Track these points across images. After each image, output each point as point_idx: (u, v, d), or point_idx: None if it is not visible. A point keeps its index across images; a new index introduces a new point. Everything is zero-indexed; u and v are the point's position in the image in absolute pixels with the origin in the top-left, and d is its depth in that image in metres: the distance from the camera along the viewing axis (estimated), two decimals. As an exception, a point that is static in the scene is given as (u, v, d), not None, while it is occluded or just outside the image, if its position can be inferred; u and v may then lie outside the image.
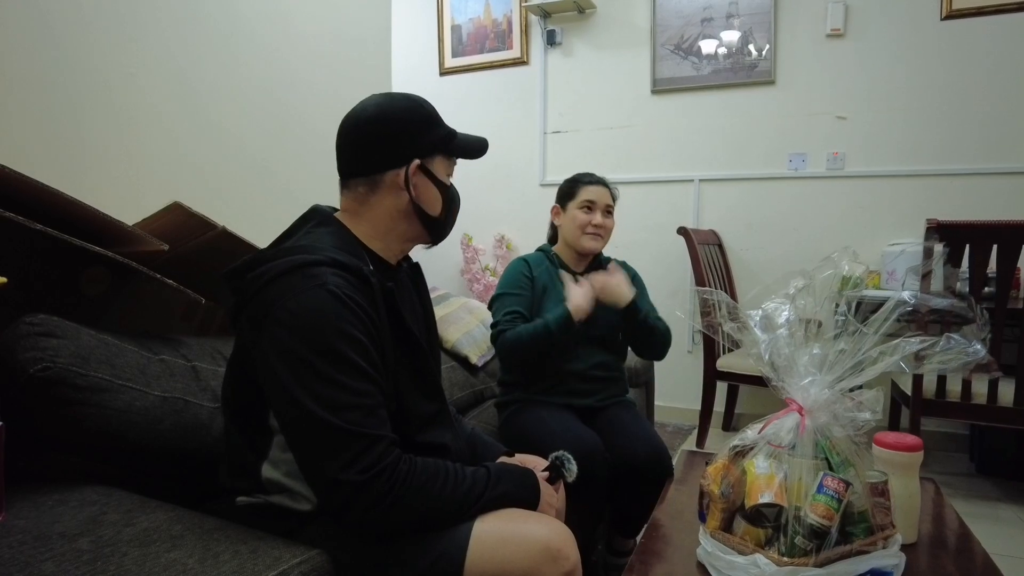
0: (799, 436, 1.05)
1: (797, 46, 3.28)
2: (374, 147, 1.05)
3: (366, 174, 1.06)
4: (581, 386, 1.73)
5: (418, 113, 1.09)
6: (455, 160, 1.15)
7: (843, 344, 1.03)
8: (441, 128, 1.11)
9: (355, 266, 0.96)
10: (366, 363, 0.92)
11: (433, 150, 1.09)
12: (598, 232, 1.80)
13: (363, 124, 1.06)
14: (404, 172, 1.05)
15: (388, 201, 1.07)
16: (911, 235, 3.03)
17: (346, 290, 0.92)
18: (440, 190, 1.10)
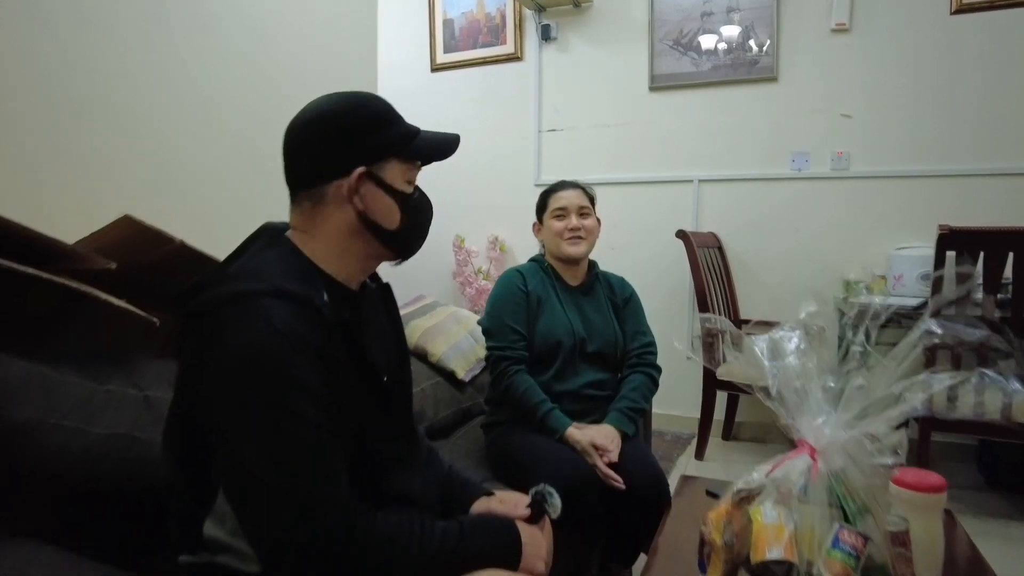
0: (811, 481, 0.94)
1: (800, 41, 3.16)
2: (313, 155, 0.94)
3: (308, 186, 0.94)
4: (573, 406, 1.63)
5: (362, 112, 0.95)
6: (418, 164, 1.00)
7: (861, 379, 0.92)
8: (395, 128, 0.97)
9: (304, 296, 0.84)
10: (316, 410, 0.81)
11: (383, 154, 0.95)
12: (576, 235, 1.72)
13: (302, 129, 0.94)
14: (347, 182, 0.93)
15: (336, 216, 0.94)
16: (919, 238, 2.92)
17: (294, 325, 0.81)
18: (396, 199, 0.96)
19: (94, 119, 1.84)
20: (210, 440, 0.80)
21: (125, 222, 1.21)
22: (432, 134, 1.02)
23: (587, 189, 1.79)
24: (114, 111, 1.90)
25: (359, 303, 1.01)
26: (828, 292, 3.12)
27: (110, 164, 1.88)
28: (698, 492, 1.49)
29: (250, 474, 0.76)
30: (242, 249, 0.96)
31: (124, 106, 1.93)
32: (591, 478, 1.43)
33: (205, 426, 0.81)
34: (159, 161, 2.02)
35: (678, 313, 3.43)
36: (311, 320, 0.84)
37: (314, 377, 0.81)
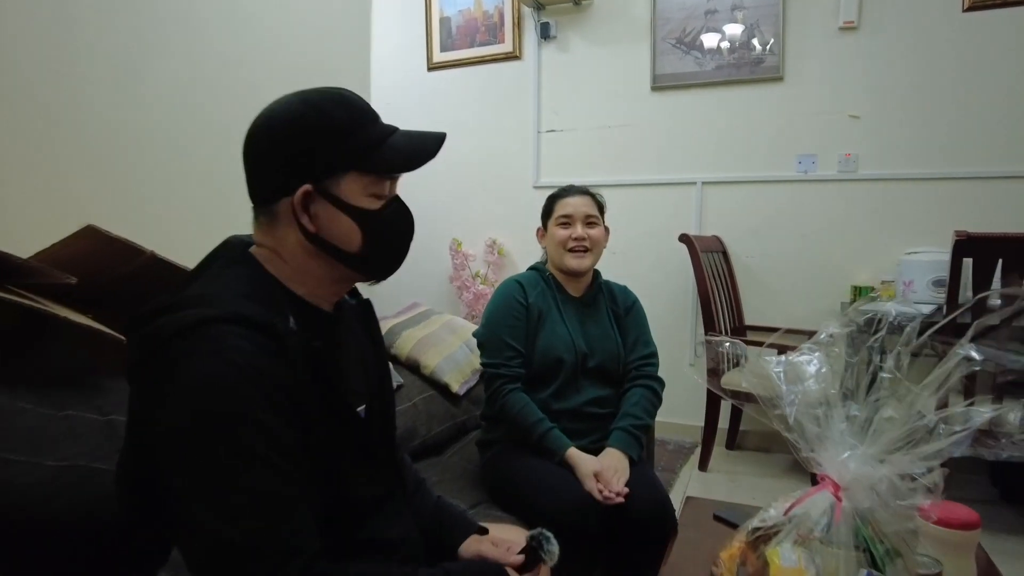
0: (834, 521, 0.85)
1: (807, 40, 3.07)
2: (260, 169, 0.84)
3: (261, 203, 0.85)
4: (573, 425, 1.54)
5: (311, 121, 0.83)
6: (386, 175, 0.88)
7: (891, 410, 0.83)
8: (355, 136, 0.84)
9: (266, 322, 0.75)
10: (277, 453, 0.72)
11: (336, 168, 0.83)
12: (580, 245, 1.62)
13: (252, 138, 0.84)
14: (292, 200, 0.82)
15: (291, 236, 0.84)
16: (930, 243, 2.83)
17: (253, 357, 0.72)
18: (355, 218, 0.84)
19: (65, 119, 1.74)
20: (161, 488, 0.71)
21: (88, 233, 1.12)
22: (409, 137, 0.89)
23: (596, 196, 1.70)
24: (87, 110, 1.81)
25: (334, 325, 0.92)
26: (835, 298, 3.04)
27: (81, 168, 1.79)
28: (705, 517, 1.41)
29: (204, 529, 0.67)
30: (202, 267, 0.87)
31: (98, 105, 1.84)
32: (592, 507, 1.35)
33: (155, 472, 0.72)
34: (136, 165, 1.93)
35: (681, 319, 3.34)
36: (273, 350, 0.75)
37: (276, 417, 0.72)
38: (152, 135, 1.96)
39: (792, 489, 2.77)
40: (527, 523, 1.38)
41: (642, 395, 1.60)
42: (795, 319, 3.10)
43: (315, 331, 0.85)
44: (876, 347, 0.87)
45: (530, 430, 1.48)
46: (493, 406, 1.55)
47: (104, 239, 1.14)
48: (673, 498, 2.31)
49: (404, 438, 1.70)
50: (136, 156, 1.93)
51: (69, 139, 1.74)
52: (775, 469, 2.97)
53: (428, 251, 3.76)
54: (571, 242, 1.62)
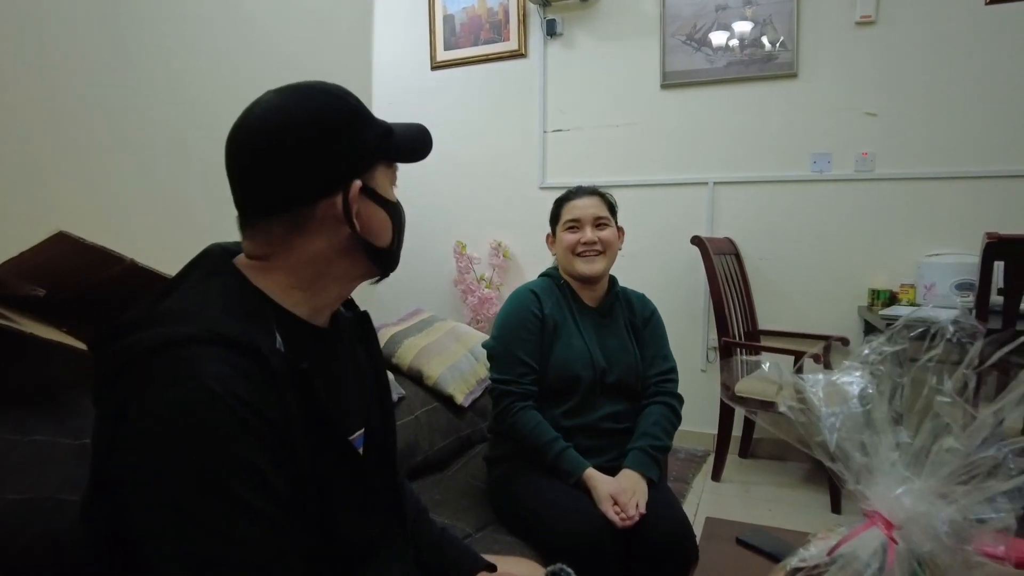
0: (887, 564, 0.75)
1: (822, 35, 2.97)
2: (290, 170, 0.74)
3: (284, 210, 0.75)
4: (589, 442, 1.44)
5: (343, 108, 0.77)
6: (396, 166, 0.85)
7: (952, 439, 0.74)
8: (375, 125, 0.80)
9: (247, 342, 0.66)
10: (262, 496, 0.62)
11: (371, 159, 0.79)
12: (590, 249, 1.53)
13: (267, 139, 0.74)
14: (341, 200, 0.75)
15: (318, 241, 0.76)
16: (951, 244, 2.74)
17: (232, 382, 0.63)
18: (388, 211, 0.82)
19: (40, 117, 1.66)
20: (127, 531, 0.62)
21: (60, 239, 1.03)
22: (405, 127, 0.84)
23: (606, 196, 1.60)
24: (76, 109, 1.72)
25: (329, 342, 0.83)
26: (852, 302, 2.94)
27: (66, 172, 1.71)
28: (727, 540, 1.31)
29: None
30: (179, 279, 0.77)
31: (87, 104, 1.75)
32: (608, 531, 1.25)
33: (119, 513, 0.63)
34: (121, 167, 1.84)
35: (692, 324, 3.25)
36: (256, 373, 0.66)
37: (261, 453, 0.63)
38: (140, 135, 1.88)
39: (810, 501, 2.66)
40: (538, 548, 1.29)
41: (661, 414, 1.50)
42: (810, 324, 3.00)
43: (305, 350, 0.76)
44: (933, 367, 0.78)
45: (544, 450, 1.38)
46: (502, 424, 1.45)
47: (78, 246, 1.05)
48: (686, 510, 2.22)
49: (405, 454, 1.61)
50: (121, 157, 1.84)
51: (42, 138, 1.65)
52: (791, 479, 2.87)
53: (431, 254, 3.68)
54: (580, 247, 1.53)
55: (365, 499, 0.78)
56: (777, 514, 2.49)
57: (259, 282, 0.76)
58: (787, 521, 2.24)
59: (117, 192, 1.85)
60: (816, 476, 2.85)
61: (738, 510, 2.54)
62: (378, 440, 0.90)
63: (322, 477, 0.71)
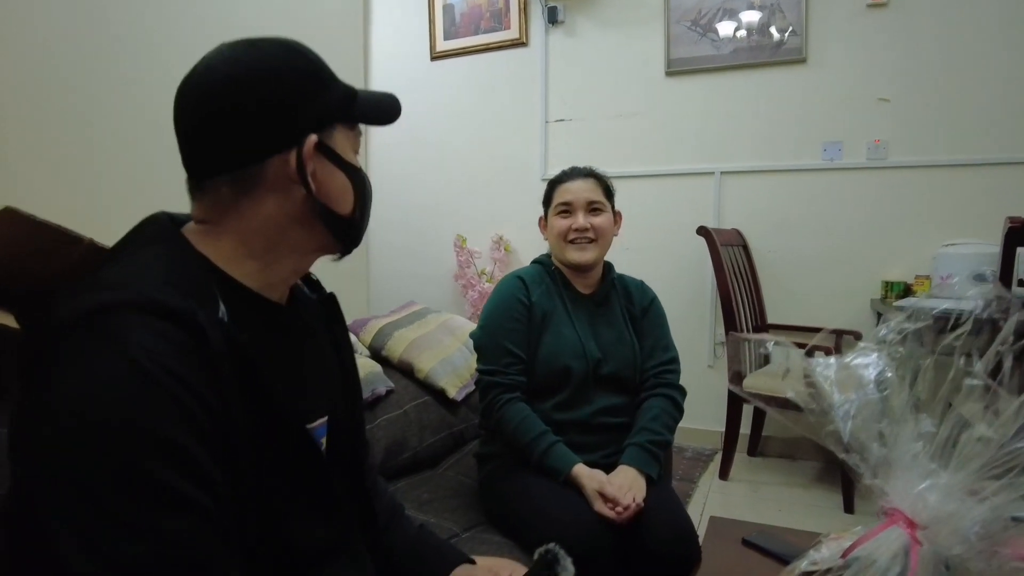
0: (910, 568, 0.67)
1: (832, 18, 2.87)
2: (240, 124, 0.68)
3: (231, 168, 0.68)
4: (583, 438, 1.36)
5: (300, 63, 0.71)
6: (359, 130, 0.77)
7: (984, 427, 0.65)
8: (337, 85, 0.74)
9: (183, 311, 0.59)
10: (189, 482, 0.55)
11: (330, 117, 0.72)
12: (582, 236, 1.43)
13: (216, 90, 0.68)
14: (295, 156, 0.68)
15: (270, 204, 0.69)
16: (969, 234, 2.63)
17: (162, 356, 0.55)
18: (349, 175, 0.74)
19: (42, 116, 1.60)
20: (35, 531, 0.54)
21: (7, 216, 0.96)
22: (370, 93, 0.78)
23: (602, 178, 1.51)
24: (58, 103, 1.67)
25: (284, 320, 0.75)
26: (864, 294, 2.84)
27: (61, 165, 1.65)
28: (732, 541, 1.22)
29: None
30: (119, 248, 0.70)
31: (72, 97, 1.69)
32: (604, 533, 1.17)
33: (23, 505, 0.55)
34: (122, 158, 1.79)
35: (699, 318, 3.15)
36: (192, 347, 0.58)
37: (190, 434, 0.55)
38: (120, 120, 1.82)
39: (821, 502, 2.55)
40: (528, 551, 1.20)
41: (661, 407, 1.41)
42: (821, 317, 2.90)
43: (254, 325, 0.68)
44: (960, 346, 0.69)
45: (530, 446, 1.30)
46: (489, 419, 1.37)
47: (28, 224, 0.97)
48: (692, 511, 2.13)
49: (393, 451, 1.53)
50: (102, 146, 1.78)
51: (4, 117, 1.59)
52: (802, 478, 2.77)
53: (431, 248, 3.61)
54: (571, 233, 1.43)
55: (319, 498, 0.70)
56: (787, 514, 2.40)
57: (205, 249, 0.69)
58: (797, 522, 2.14)
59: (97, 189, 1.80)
60: (828, 475, 2.75)
61: (746, 510, 2.45)
62: (343, 434, 0.82)
63: (266, 469, 0.63)
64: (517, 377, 1.36)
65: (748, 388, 2.50)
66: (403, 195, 3.56)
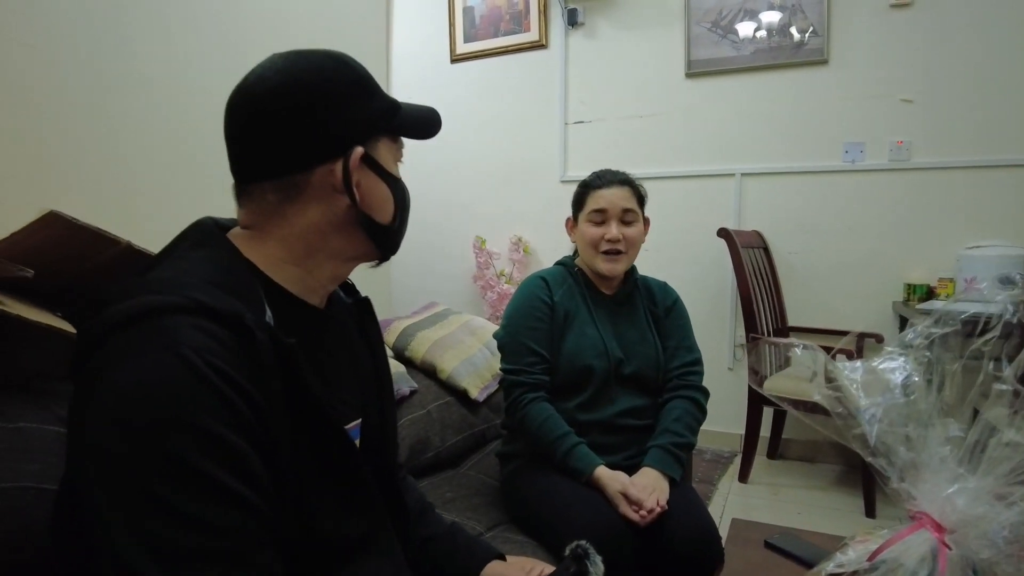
0: (937, 572, 0.67)
1: (855, 18, 2.85)
2: (289, 133, 0.70)
3: (278, 175, 0.71)
4: (605, 439, 1.36)
5: (349, 75, 0.73)
6: (401, 141, 0.79)
7: (1012, 433, 0.65)
8: (380, 97, 0.76)
9: (231, 313, 0.61)
10: (235, 477, 0.56)
11: (374, 129, 0.74)
12: (614, 247, 1.42)
13: (267, 99, 0.70)
14: (341, 167, 0.70)
15: (313, 212, 0.71)
16: (991, 236, 2.60)
17: (211, 355, 0.57)
18: (390, 186, 0.76)
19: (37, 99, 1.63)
20: (85, 524, 0.57)
21: (51, 220, 0.99)
22: (410, 106, 0.80)
23: (636, 185, 1.48)
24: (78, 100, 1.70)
25: (323, 324, 0.78)
26: (886, 297, 2.81)
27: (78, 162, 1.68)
28: (754, 543, 1.23)
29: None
30: (166, 252, 0.73)
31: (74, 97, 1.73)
32: (626, 535, 1.17)
33: (77, 498, 0.58)
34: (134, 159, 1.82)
35: (719, 320, 3.14)
36: (239, 347, 0.60)
37: (237, 430, 0.57)
38: (142, 123, 1.85)
39: (842, 505, 2.54)
40: (551, 551, 1.21)
41: (684, 409, 1.41)
42: (842, 320, 2.88)
43: (297, 328, 0.70)
44: (988, 351, 0.69)
45: (553, 446, 1.31)
46: (513, 418, 1.38)
47: (70, 227, 1.00)
48: (712, 513, 2.12)
49: (416, 450, 1.55)
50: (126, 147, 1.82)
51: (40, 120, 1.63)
52: (822, 481, 2.75)
53: (451, 249, 3.63)
54: (604, 243, 1.42)
55: (353, 494, 0.72)
56: (807, 517, 2.38)
57: (250, 253, 0.71)
58: (818, 525, 2.13)
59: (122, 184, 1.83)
60: (849, 478, 2.73)
61: (766, 513, 2.44)
62: (375, 434, 0.84)
63: (304, 466, 0.65)
64: (541, 376, 1.37)
65: (770, 391, 2.49)
66: (423, 196, 3.55)
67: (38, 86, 1.63)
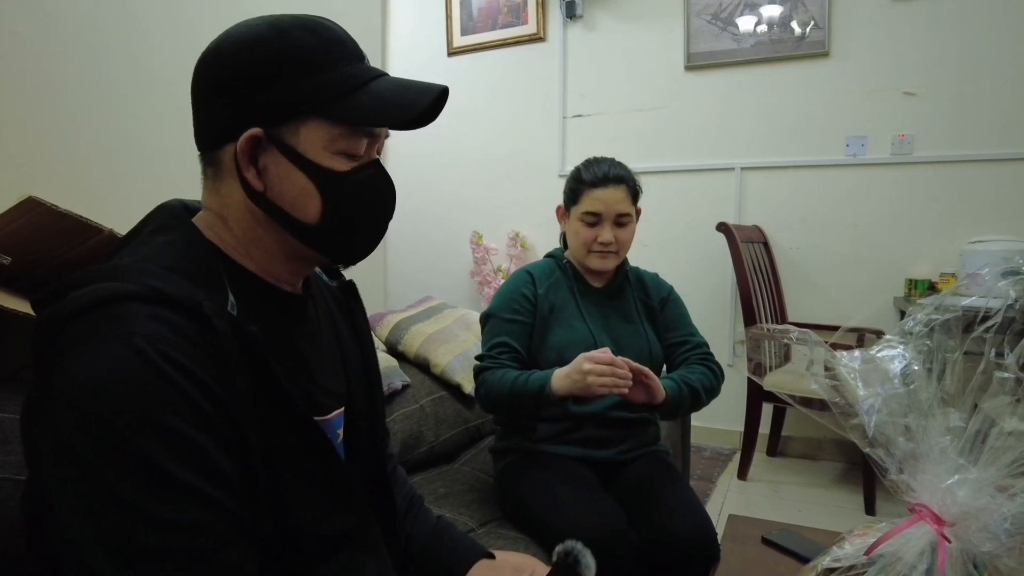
0: (938, 567, 0.65)
1: (856, 11, 2.81)
2: (206, 104, 0.68)
3: (205, 148, 0.70)
4: (599, 433, 1.34)
5: (270, 45, 0.65)
6: (363, 129, 0.68)
7: (1015, 422, 0.63)
8: (323, 73, 0.65)
9: (188, 300, 0.58)
10: (195, 473, 0.54)
11: (297, 110, 0.65)
12: (607, 250, 1.39)
13: (199, 65, 0.68)
14: (235, 146, 0.66)
15: (235, 194, 0.68)
16: (995, 230, 2.58)
17: (167, 345, 0.55)
18: (313, 177, 0.66)
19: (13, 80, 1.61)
20: (45, 519, 0.54)
21: (31, 206, 0.97)
22: (399, 85, 0.69)
23: (633, 184, 1.44)
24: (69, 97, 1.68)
25: (297, 309, 0.74)
26: (888, 292, 2.79)
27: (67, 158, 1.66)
28: (751, 539, 1.20)
29: None
30: (130, 236, 0.70)
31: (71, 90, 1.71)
32: (622, 531, 1.15)
33: (35, 494, 0.55)
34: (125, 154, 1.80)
35: (719, 316, 3.12)
36: (199, 337, 0.58)
37: (196, 424, 0.55)
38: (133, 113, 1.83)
39: (843, 502, 2.50)
40: (544, 546, 1.19)
41: (702, 372, 1.37)
42: (843, 316, 2.85)
43: (265, 315, 0.67)
44: (990, 339, 0.67)
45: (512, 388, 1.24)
46: (480, 400, 1.34)
47: (51, 214, 0.98)
48: (711, 510, 2.10)
49: (409, 445, 1.53)
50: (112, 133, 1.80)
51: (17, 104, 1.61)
52: (822, 479, 2.73)
53: (448, 245, 3.60)
54: (596, 245, 1.39)
55: (333, 488, 0.69)
56: (807, 515, 2.36)
57: (214, 236, 0.68)
58: (817, 522, 2.11)
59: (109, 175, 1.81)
60: (849, 476, 2.71)
61: (765, 510, 2.42)
62: (362, 423, 0.81)
63: (277, 460, 0.63)
64: (507, 363, 1.32)
65: (770, 386, 2.47)
66: (420, 191, 3.55)
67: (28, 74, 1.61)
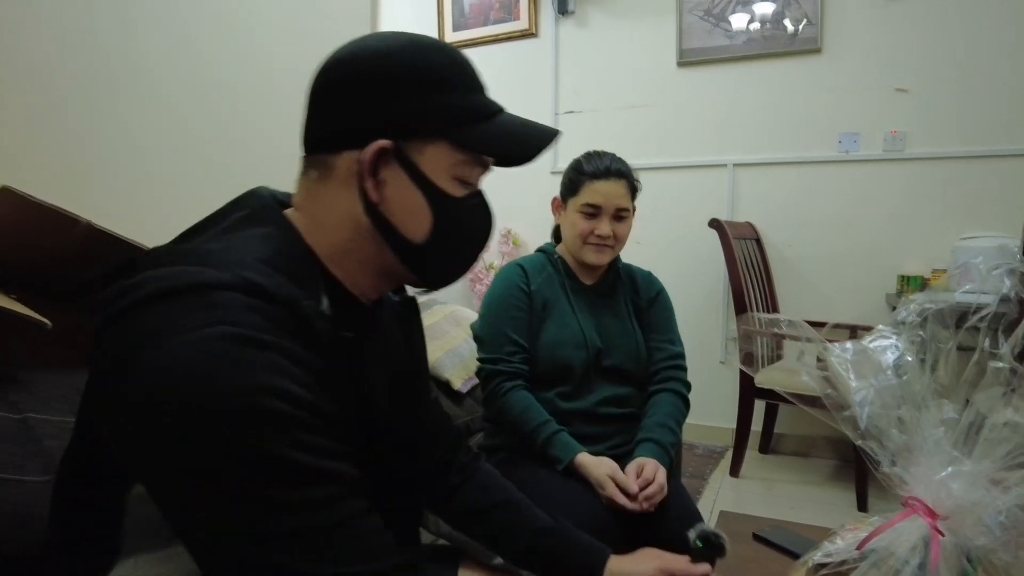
0: (930, 561, 0.63)
1: (849, 7, 2.81)
2: (329, 105, 0.66)
3: (316, 150, 0.67)
4: (588, 429, 1.32)
5: (409, 60, 0.65)
6: (481, 159, 0.69)
7: (1009, 413, 0.61)
8: (455, 96, 0.67)
9: (287, 297, 0.56)
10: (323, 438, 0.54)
11: (426, 128, 0.65)
12: (604, 243, 1.37)
13: (329, 69, 0.67)
14: (360, 155, 0.64)
15: (343, 200, 0.66)
16: (987, 227, 2.57)
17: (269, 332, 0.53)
18: (431, 197, 0.66)
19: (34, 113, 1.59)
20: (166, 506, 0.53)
21: (4, 196, 0.95)
22: (521, 122, 0.72)
23: (632, 179, 1.43)
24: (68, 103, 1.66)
25: (370, 321, 0.72)
26: (880, 289, 2.78)
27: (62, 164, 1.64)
28: (743, 536, 1.19)
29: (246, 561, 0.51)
30: (211, 221, 0.67)
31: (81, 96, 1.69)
32: (614, 529, 1.14)
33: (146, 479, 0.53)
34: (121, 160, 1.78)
35: (710, 313, 3.11)
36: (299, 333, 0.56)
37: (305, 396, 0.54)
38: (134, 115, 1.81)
39: (835, 500, 2.50)
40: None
41: (672, 404, 1.37)
42: (836, 312, 2.85)
43: (349, 326, 0.65)
44: (984, 328, 0.65)
45: (533, 435, 1.26)
46: (491, 408, 1.33)
47: (26, 205, 0.96)
48: (703, 508, 2.09)
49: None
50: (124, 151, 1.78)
51: None
52: (815, 476, 2.72)
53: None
54: (593, 238, 1.37)
55: (387, 504, 0.65)
56: (799, 512, 2.35)
57: (309, 238, 0.66)
58: (810, 519, 2.08)
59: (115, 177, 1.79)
60: (842, 473, 2.70)
61: (757, 507, 2.41)
62: (406, 438, 0.78)
63: None
64: (520, 366, 1.32)
65: (761, 383, 2.46)
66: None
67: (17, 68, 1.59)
